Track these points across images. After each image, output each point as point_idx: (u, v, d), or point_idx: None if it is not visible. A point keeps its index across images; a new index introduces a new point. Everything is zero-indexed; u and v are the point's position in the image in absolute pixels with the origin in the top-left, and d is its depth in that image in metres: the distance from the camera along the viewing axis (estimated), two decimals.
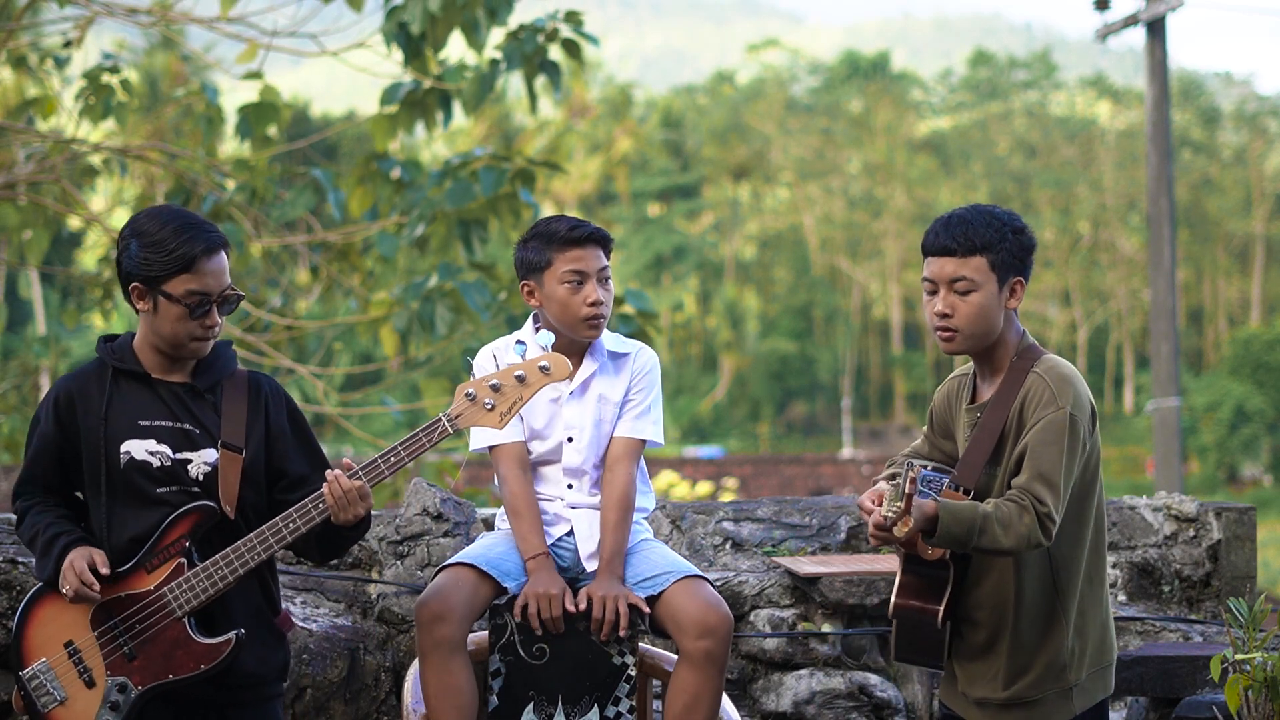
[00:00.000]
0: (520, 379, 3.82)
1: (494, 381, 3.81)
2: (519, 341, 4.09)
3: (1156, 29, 19.09)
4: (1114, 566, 5.80)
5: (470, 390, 3.82)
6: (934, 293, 3.83)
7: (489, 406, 3.82)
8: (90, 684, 3.80)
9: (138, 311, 3.89)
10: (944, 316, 3.80)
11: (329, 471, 3.86)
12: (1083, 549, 3.82)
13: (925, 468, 3.77)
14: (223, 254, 3.86)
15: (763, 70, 71.66)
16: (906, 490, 3.49)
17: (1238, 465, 46.97)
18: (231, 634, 3.82)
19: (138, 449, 3.84)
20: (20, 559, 4.88)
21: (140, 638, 3.80)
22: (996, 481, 3.79)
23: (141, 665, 3.80)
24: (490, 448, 4.34)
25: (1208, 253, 60.76)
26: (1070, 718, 3.81)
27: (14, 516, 3.97)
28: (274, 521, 3.83)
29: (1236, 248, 61.76)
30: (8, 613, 4.76)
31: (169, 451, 3.85)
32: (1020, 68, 70.79)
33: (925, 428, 4.13)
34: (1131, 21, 19.37)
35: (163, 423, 3.87)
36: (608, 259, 4.35)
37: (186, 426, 3.87)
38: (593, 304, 4.27)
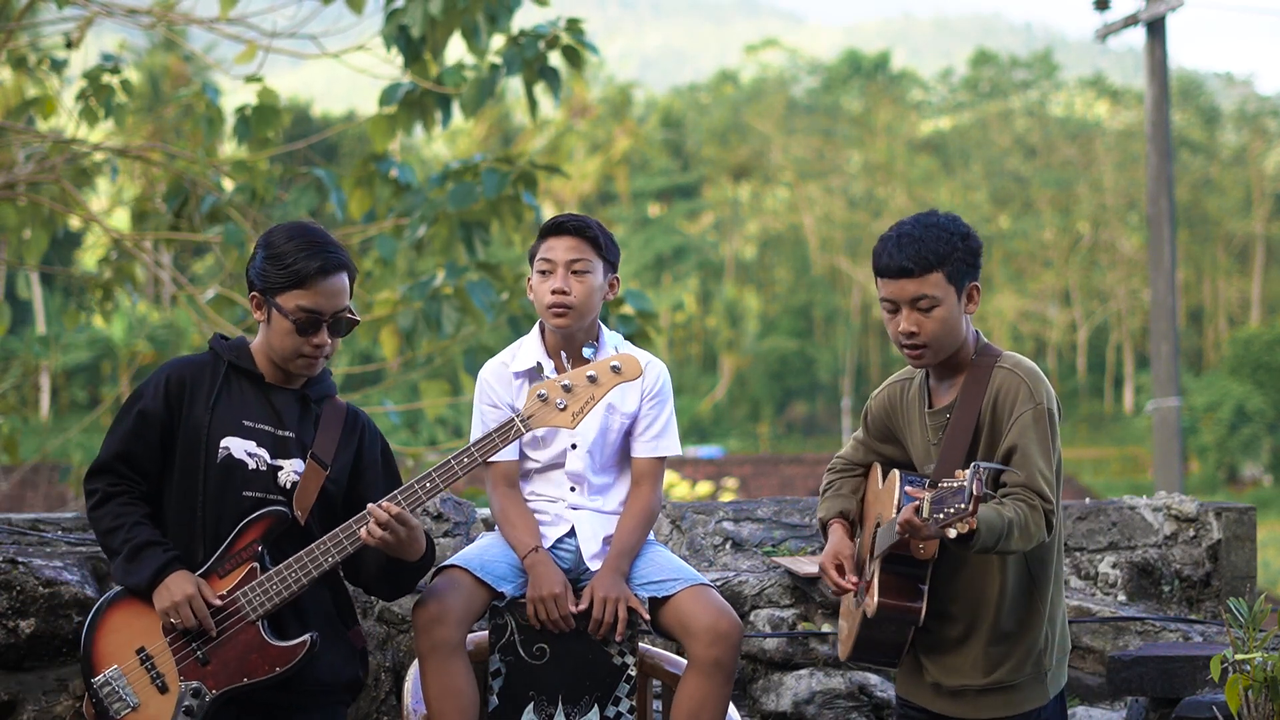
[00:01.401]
0: (592, 379, 3.86)
1: (565, 382, 3.85)
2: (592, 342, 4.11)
3: (1156, 29, 19.09)
4: (1114, 566, 5.80)
5: (542, 391, 3.85)
6: (895, 312, 3.83)
7: (561, 406, 3.85)
8: (163, 690, 3.80)
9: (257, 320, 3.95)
10: (911, 335, 3.81)
11: (373, 506, 3.86)
12: (1056, 539, 3.86)
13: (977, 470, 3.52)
14: (342, 276, 3.89)
15: (763, 70, 71.60)
16: (974, 493, 3.41)
17: (1238, 465, 46.95)
18: (306, 636, 3.83)
19: (237, 447, 3.87)
20: (20, 559, 4.85)
21: (214, 642, 3.81)
22: None
23: (216, 669, 3.80)
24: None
25: (1208, 253, 60.70)
26: (1044, 703, 3.86)
27: (93, 494, 3.88)
28: (347, 524, 3.85)
29: (1236, 248, 61.72)
30: (8, 613, 4.74)
31: (267, 456, 3.89)
32: (1020, 68, 70.66)
33: (859, 433, 4.13)
34: (1131, 21, 19.37)
35: (266, 427, 3.91)
36: (595, 252, 4.29)
37: (286, 434, 3.91)
38: (554, 292, 4.24)
